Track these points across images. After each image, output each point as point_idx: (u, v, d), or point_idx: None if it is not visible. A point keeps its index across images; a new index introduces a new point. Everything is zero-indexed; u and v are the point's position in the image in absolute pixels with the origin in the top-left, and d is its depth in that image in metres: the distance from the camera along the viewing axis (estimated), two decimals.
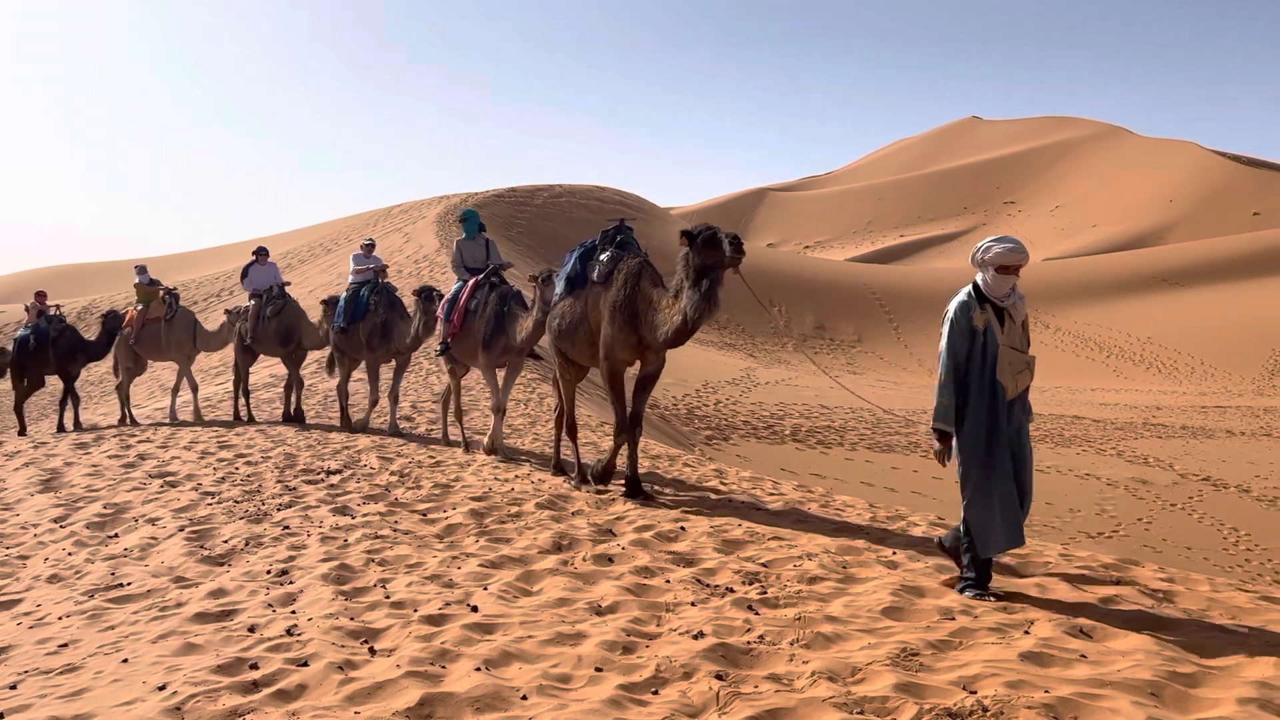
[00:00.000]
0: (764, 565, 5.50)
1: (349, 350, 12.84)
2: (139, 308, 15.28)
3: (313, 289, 31.31)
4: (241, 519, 7.18)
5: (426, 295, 11.40)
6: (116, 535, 7.02)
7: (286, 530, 6.75)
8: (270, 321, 13.98)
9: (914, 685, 3.54)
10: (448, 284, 12.46)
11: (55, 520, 7.62)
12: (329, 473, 9.09)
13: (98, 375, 24.79)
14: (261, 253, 15.08)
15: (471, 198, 47.81)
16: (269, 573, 5.66)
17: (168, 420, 14.38)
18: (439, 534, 6.51)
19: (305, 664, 4.03)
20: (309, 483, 8.60)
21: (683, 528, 6.52)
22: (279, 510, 7.44)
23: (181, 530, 6.87)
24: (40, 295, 16.53)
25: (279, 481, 8.68)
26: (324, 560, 5.81)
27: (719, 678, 3.70)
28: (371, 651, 4.21)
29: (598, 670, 3.87)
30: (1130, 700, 3.34)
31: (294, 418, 13.36)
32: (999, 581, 5.10)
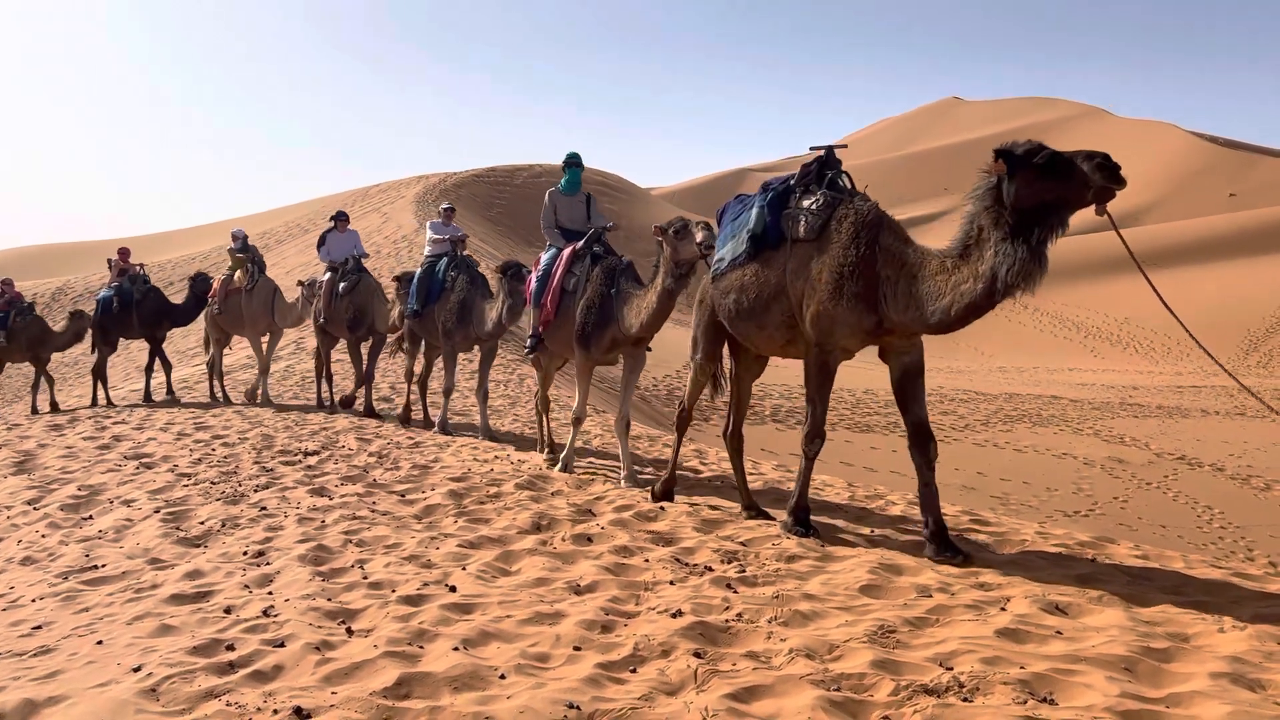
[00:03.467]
0: (742, 544, 5.51)
1: (426, 336, 10.99)
2: (225, 276, 14.09)
3: (290, 270, 31.10)
4: (218, 500, 7.13)
5: (514, 272, 9.18)
6: (91, 517, 6.95)
7: (263, 511, 6.71)
8: (342, 300, 12.19)
9: (891, 662, 3.56)
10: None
11: (28, 503, 7.54)
12: (307, 454, 9.04)
13: (72, 356, 24.48)
14: (341, 218, 13.12)
15: (450, 177, 47.56)
16: (245, 554, 5.62)
17: (256, 401, 13.22)
18: (417, 515, 6.48)
19: (282, 645, 4.01)
20: (286, 464, 8.55)
21: (662, 507, 6.53)
22: (256, 491, 7.39)
23: (157, 512, 6.81)
24: (123, 252, 15.33)
25: (256, 463, 8.62)
26: (301, 541, 5.78)
27: (697, 656, 3.70)
28: (349, 632, 4.19)
29: (576, 649, 3.87)
30: (1104, 675, 3.37)
31: (371, 413, 11.79)
32: (977, 560, 5.15)
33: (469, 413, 12.16)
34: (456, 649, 3.85)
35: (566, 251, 8.10)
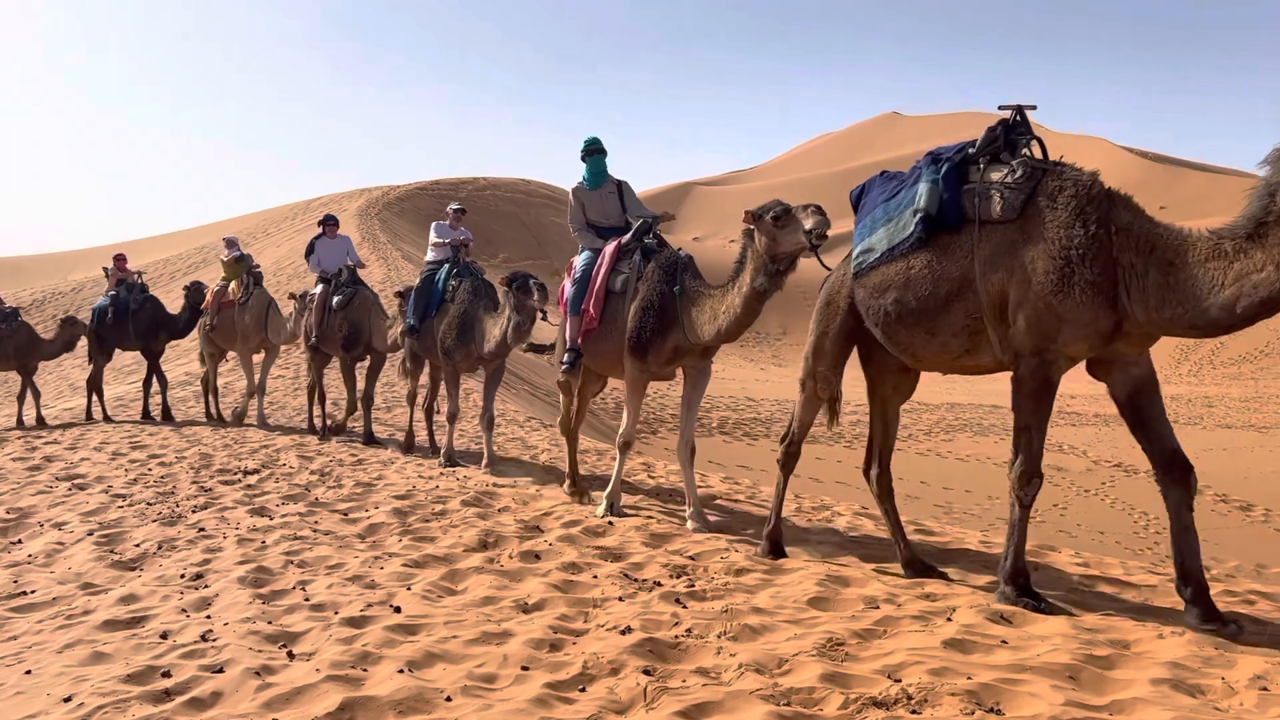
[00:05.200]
0: (691, 558, 5.50)
1: (427, 356, 9.82)
2: (217, 287, 13.18)
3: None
4: (154, 522, 6.94)
5: (521, 284, 8.09)
6: (20, 541, 6.73)
7: (202, 532, 6.55)
8: (335, 315, 11.01)
9: (840, 675, 3.56)
10: (369, 278, 11.68)
11: None
12: (246, 473, 8.86)
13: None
14: (329, 222, 11.94)
15: (394, 190, 47.14)
16: (183, 577, 5.48)
17: (255, 423, 12.39)
18: (361, 534, 6.37)
19: (220, 670, 3.90)
20: (225, 483, 8.37)
21: (610, 522, 6.49)
22: (194, 512, 7.22)
23: (90, 535, 6.61)
24: (120, 259, 14.56)
25: (194, 482, 8.43)
26: (241, 563, 5.65)
27: (647, 673, 3.67)
28: (290, 656, 4.10)
29: (524, 669, 3.82)
30: (1049, 684, 3.40)
31: (371, 440, 10.82)
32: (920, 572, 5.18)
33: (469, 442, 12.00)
34: (401, 671, 3.78)
35: (610, 247, 6.94)
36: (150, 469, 9.22)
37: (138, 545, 6.32)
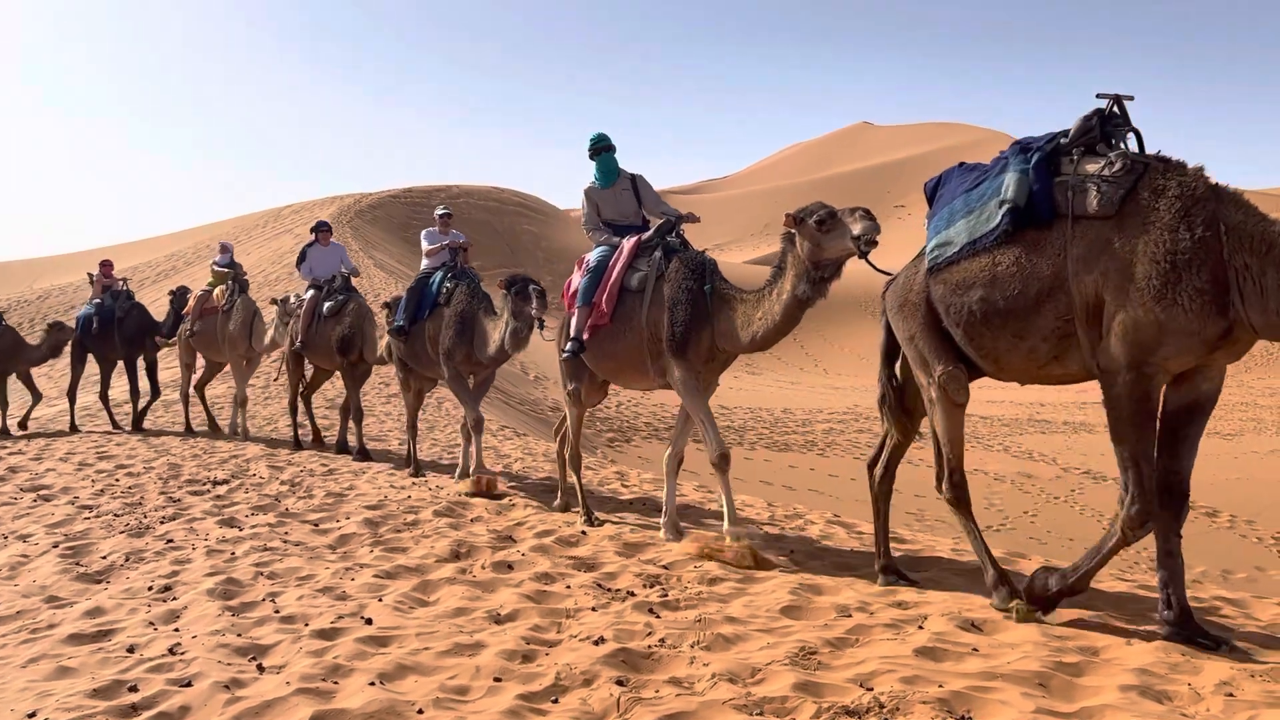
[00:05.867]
0: (665, 567, 5.49)
1: (414, 363, 9.23)
2: (201, 293, 12.80)
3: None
4: (122, 533, 6.85)
5: (520, 289, 7.70)
6: None
7: (170, 544, 6.47)
8: (327, 323, 10.61)
9: (812, 684, 3.57)
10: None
11: None
12: (215, 483, 8.77)
13: None
14: (322, 228, 11.49)
15: (366, 198, 46.95)
16: (150, 589, 5.41)
17: (240, 434, 12.06)
18: (331, 545, 6.32)
19: (189, 684, 3.85)
20: (194, 494, 8.28)
21: (583, 531, 6.48)
22: (162, 523, 7.13)
23: (55, 546, 6.51)
24: (106, 265, 14.12)
25: (162, 493, 8.33)
26: (210, 575, 5.59)
27: (620, 683, 3.66)
28: (260, 669, 4.05)
29: (497, 680, 3.80)
30: (1020, 691, 3.43)
31: (363, 454, 10.33)
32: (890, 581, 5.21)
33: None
34: (373, 684, 3.75)
35: (630, 242, 6.60)
36: (117, 479, 9.10)
37: (104, 557, 6.24)
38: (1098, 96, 4.40)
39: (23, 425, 13.56)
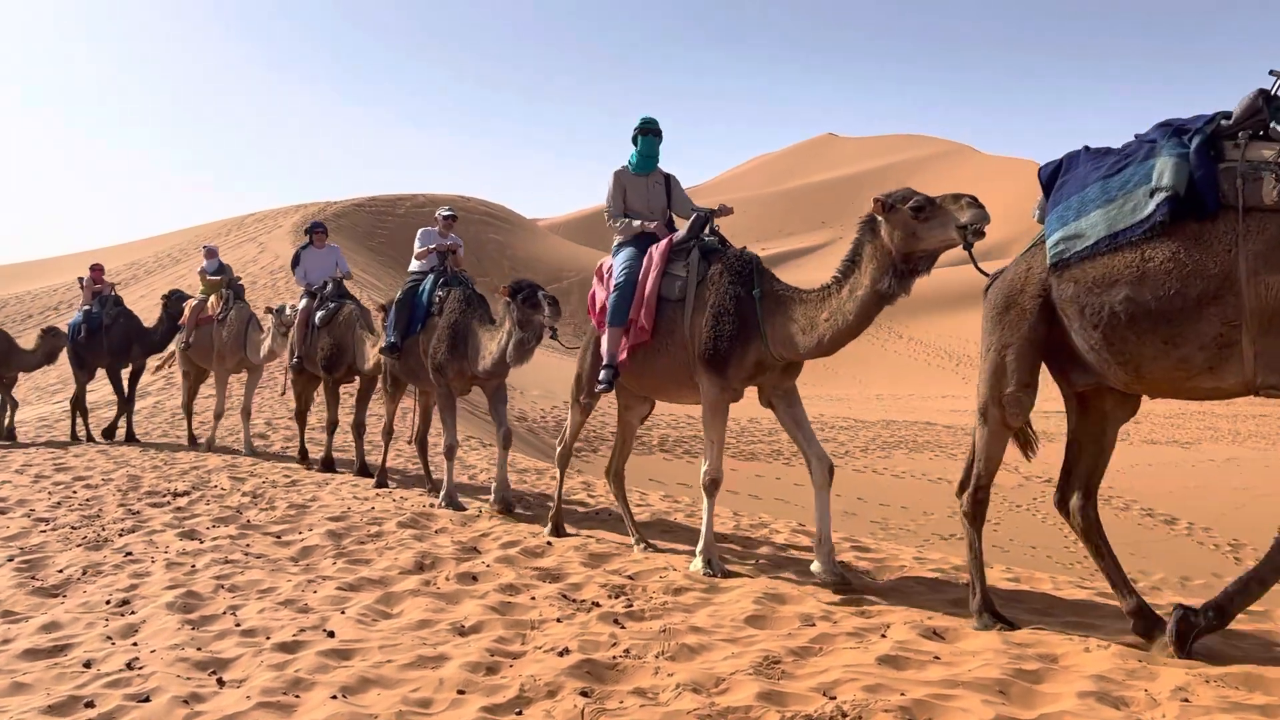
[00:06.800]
0: (630, 578, 5.50)
1: (412, 381, 8.66)
2: (195, 302, 12.30)
3: (158, 304, 29.89)
4: (79, 546, 6.74)
5: (528, 296, 7.04)
6: None
7: (129, 557, 6.38)
8: (319, 332, 9.97)
9: (776, 693, 3.59)
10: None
11: None
12: (176, 494, 8.66)
13: None
14: (317, 229, 10.90)
15: (330, 207, 46.63)
16: (108, 603, 5.32)
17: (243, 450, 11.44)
18: (294, 557, 6.26)
19: (147, 699, 3.80)
20: (154, 505, 8.16)
21: (549, 542, 6.47)
22: (121, 536, 7.02)
23: (10, 560, 6.39)
24: (96, 269, 13.60)
25: (121, 505, 8.21)
26: (169, 588, 5.51)
27: (584, 695, 3.66)
28: (220, 683, 4.00)
29: (460, 693, 3.78)
30: (980, 699, 3.46)
31: (364, 472, 9.78)
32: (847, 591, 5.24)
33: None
34: (335, 697, 3.72)
35: (661, 245, 5.98)
36: (75, 491, 8.96)
37: (61, 571, 6.13)
38: (1271, 73, 3.86)
39: (9, 435, 13.15)
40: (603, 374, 6.03)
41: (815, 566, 5.32)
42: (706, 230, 5.95)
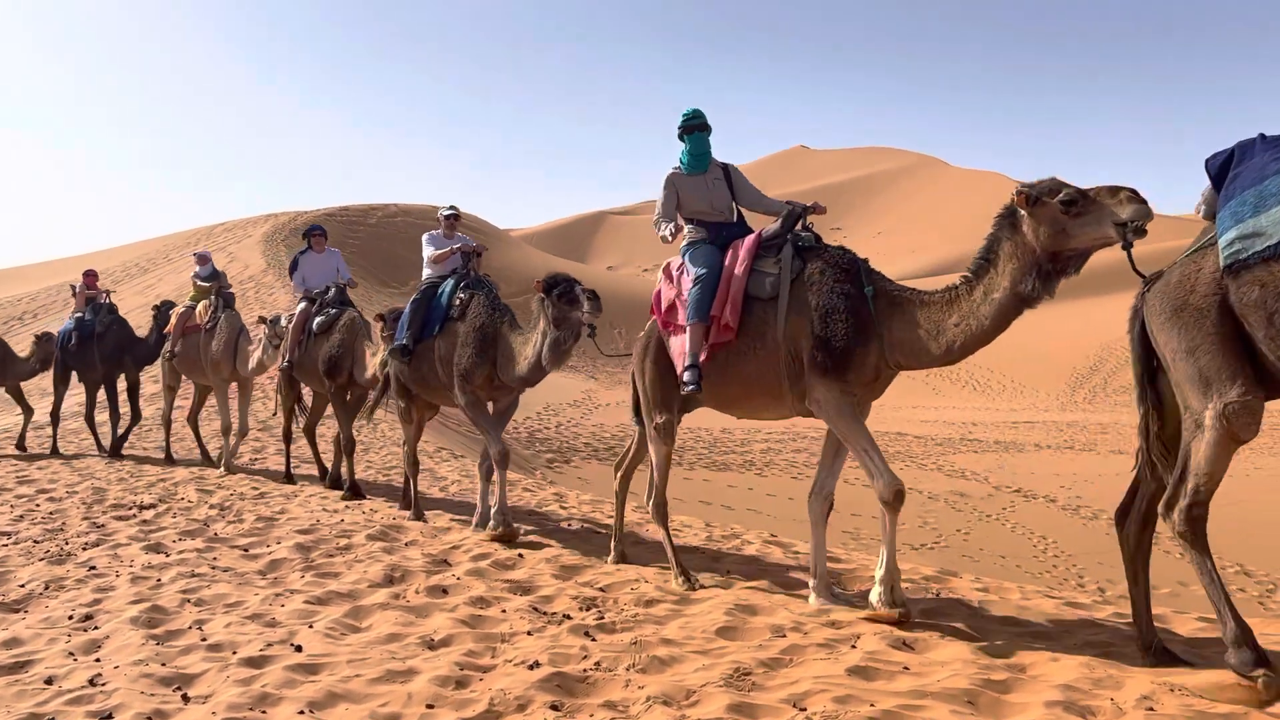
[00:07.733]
0: (601, 590, 5.48)
1: (419, 387, 7.84)
2: (183, 309, 11.66)
3: (128, 311, 29.54)
4: (41, 560, 6.64)
5: (564, 290, 6.46)
6: None
7: (92, 571, 6.29)
8: (317, 340, 9.43)
9: (746, 705, 3.59)
10: (276, 306, 10.98)
11: None
12: (142, 507, 8.55)
13: None
14: (316, 233, 10.38)
15: (301, 216, 46.31)
16: (71, 618, 5.24)
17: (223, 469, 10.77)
18: (262, 570, 6.20)
19: (109, 716, 3.75)
20: (119, 519, 8.06)
21: (521, 555, 6.44)
22: (84, 550, 6.93)
23: None
24: (90, 275, 13.17)
25: (85, 518, 8.10)
26: (134, 602, 5.44)
27: (554, 708, 3.64)
28: (185, 699, 3.95)
29: (429, 707, 3.75)
30: (949, 709, 3.48)
31: (354, 490, 9.07)
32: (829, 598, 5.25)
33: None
34: (302, 713, 3.69)
35: (749, 240, 5.48)
36: (38, 504, 8.83)
37: (22, 585, 6.03)
38: None
39: (20, 446, 12.82)
40: (688, 374, 5.43)
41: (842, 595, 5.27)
42: (799, 226, 5.43)
